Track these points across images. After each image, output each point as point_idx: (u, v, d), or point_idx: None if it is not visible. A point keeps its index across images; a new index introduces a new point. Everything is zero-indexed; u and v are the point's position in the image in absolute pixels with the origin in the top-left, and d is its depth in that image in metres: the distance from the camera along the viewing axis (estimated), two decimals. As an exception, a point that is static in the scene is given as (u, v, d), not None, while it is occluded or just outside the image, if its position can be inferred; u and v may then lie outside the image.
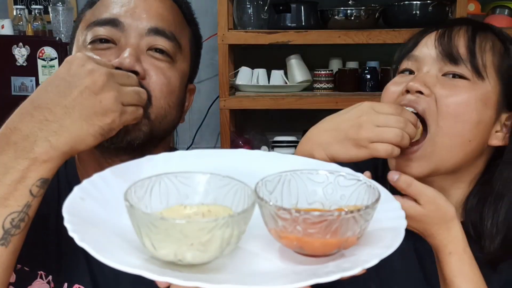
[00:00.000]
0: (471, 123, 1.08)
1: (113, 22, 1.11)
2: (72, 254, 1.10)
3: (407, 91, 1.10)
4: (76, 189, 0.76)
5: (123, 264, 0.60)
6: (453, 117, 1.07)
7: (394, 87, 1.15)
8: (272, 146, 3.08)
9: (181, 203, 0.74)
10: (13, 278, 1.13)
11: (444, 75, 1.10)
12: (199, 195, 0.74)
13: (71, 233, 0.64)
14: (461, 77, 1.09)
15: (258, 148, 3.04)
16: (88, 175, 0.82)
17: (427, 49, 1.13)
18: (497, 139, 1.14)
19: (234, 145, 2.94)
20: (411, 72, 1.16)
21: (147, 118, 1.10)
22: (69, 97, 0.90)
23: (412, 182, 0.98)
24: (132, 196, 0.68)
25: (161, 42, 1.13)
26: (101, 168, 0.86)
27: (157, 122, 1.13)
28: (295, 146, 2.98)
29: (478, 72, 1.09)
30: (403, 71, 1.17)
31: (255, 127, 3.26)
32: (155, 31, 1.12)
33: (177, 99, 1.18)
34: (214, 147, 3.32)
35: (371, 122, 0.97)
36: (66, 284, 1.12)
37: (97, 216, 0.73)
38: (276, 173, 0.76)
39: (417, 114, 1.07)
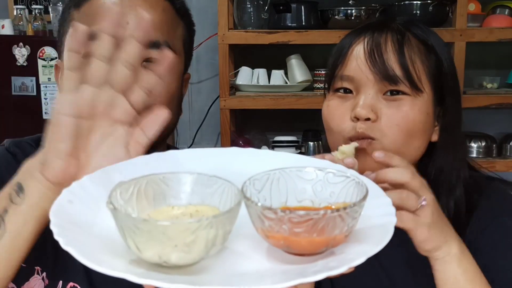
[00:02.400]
0: (419, 135, 1.17)
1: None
2: (67, 252, 1.10)
3: (356, 118, 1.14)
4: (65, 191, 0.75)
5: (107, 267, 0.59)
6: (403, 134, 1.14)
7: (338, 110, 1.19)
8: (272, 146, 3.08)
9: (169, 204, 0.73)
10: None
11: (385, 93, 1.16)
12: (186, 195, 0.74)
13: (56, 237, 0.63)
14: (402, 93, 1.15)
15: (259, 148, 3.03)
16: None
17: (360, 70, 1.16)
18: (435, 134, 1.23)
19: (234, 145, 2.94)
20: (348, 91, 1.19)
21: None
22: None
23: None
24: (117, 198, 0.67)
25: (155, 55, 1.11)
26: None
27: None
28: (295, 146, 3.02)
29: (416, 88, 1.15)
30: (339, 90, 1.21)
31: (256, 127, 3.26)
32: (149, 45, 1.11)
33: (177, 103, 1.20)
34: (215, 147, 3.32)
35: None
36: (61, 282, 1.12)
37: (86, 219, 0.72)
38: (265, 171, 0.75)
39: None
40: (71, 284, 1.12)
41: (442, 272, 1.02)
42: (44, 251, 1.11)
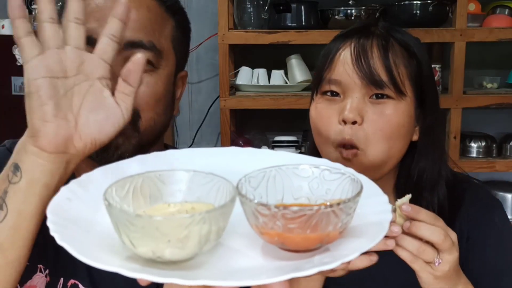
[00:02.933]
0: (400, 137, 1.22)
1: (88, 40, 1.02)
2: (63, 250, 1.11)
3: (343, 121, 1.19)
4: (63, 189, 0.76)
5: (101, 262, 0.60)
6: (386, 137, 1.19)
7: (326, 113, 1.24)
8: (272, 146, 3.08)
9: (165, 201, 0.74)
10: None
11: (371, 97, 1.20)
12: (183, 193, 0.74)
13: (52, 233, 0.64)
14: (387, 96, 1.20)
15: (259, 148, 3.03)
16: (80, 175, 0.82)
17: (347, 74, 1.21)
18: (416, 135, 1.28)
19: (234, 144, 2.94)
20: (336, 94, 1.24)
21: (137, 131, 1.10)
22: None
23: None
24: (112, 195, 0.68)
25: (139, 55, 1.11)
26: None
27: (146, 133, 1.13)
28: (295, 146, 3.02)
29: (400, 91, 1.20)
30: (326, 93, 1.25)
31: (256, 127, 3.26)
32: (132, 45, 1.09)
33: (165, 105, 1.18)
34: (215, 147, 3.32)
35: None
36: (62, 279, 1.12)
37: (83, 216, 0.72)
38: (260, 169, 0.76)
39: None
40: (72, 281, 1.13)
41: None
42: (46, 249, 1.11)
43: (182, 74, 1.27)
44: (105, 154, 1.04)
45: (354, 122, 1.18)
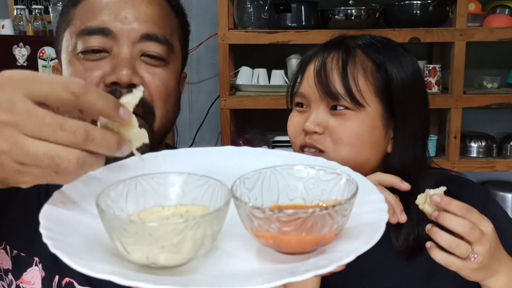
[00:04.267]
0: (364, 147, 1.25)
1: (103, 31, 1.10)
2: None
3: (305, 131, 1.26)
4: (56, 193, 0.75)
5: (95, 270, 0.59)
6: (347, 146, 1.24)
7: (294, 122, 1.33)
8: (272, 146, 3.08)
9: (159, 204, 0.73)
10: (9, 265, 1.13)
11: (331, 108, 1.26)
12: (177, 195, 0.74)
13: (45, 240, 0.63)
14: (346, 107, 1.24)
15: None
16: None
17: (310, 87, 1.28)
18: (390, 144, 1.31)
19: (234, 144, 2.92)
20: (304, 105, 1.32)
21: (152, 131, 1.13)
22: None
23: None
24: (105, 199, 0.67)
25: (154, 48, 1.13)
26: None
27: (159, 132, 1.16)
28: (295, 146, 2.99)
29: (357, 103, 1.24)
30: (297, 104, 1.34)
31: (256, 127, 3.26)
32: (147, 37, 1.12)
33: (175, 100, 1.20)
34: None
35: None
36: (57, 277, 1.12)
37: (76, 221, 0.72)
38: (255, 170, 0.75)
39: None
40: (67, 279, 1.12)
41: None
42: (41, 243, 1.12)
43: (182, 75, 1.29)
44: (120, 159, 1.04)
45: (315, 133, 1.25)
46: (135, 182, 0.73)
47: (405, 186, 1.16)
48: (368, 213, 0.73)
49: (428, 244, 1.06)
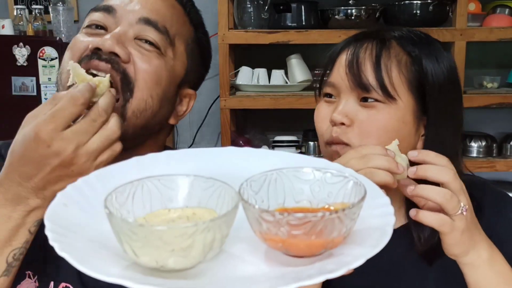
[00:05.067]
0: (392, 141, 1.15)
1: (107, 9, 1.14)
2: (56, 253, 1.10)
3: (331, 121, 1.21)
4: (59, 195, 0.75)
5: (103, 273, 0.59)
6: (375, 140, 1.17)
7: (322, 113, 1.26)
8: (272, 145, 3.08)
9: (165, 206, 0.73)
10: None
11: (361, 100, 1.20)
12: (183, 198, 0.73)
13: (51, 242, 0.63)
14: (376, 100, 1.19)
15: (259, 147, 3.03)
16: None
17: (341, 78, 1.22)
18: (421, 142, 1.25)
19: (234, 144, 2.93)
20: (333, 96, 1.26)
21: (124, 109, 1.09)
22: (38, 176, 0.93)
23: None
24: (113, 202, 0.67)
25: (150, 33, 1.13)
26: None
27: (133, 116, 1.11)
28: (296, 146, 3.02)
29: (389, 96, 1.18)
30: (326, 95, 1.28)
31: (256, 127, 3.26)
32: (146, 21, 1.13)
33: (163, 93, 1.15)
34: (215, 147, 3.31)
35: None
36: (52, 283, 1.12)
37: (81, 223, 0.71)
38: (262, 172, 0.75)
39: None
40: (63, 284, 1.12)
41: (472, 276, 1.07)
42: (33, 255, 1.11)
43: (189, 92, 1.26)
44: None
45: (342, 124, 1.19)
46: (142, 184, 0.72)
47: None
48: (374, 217, 0.73)
49: (414, 211, 1.01)
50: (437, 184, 1.00)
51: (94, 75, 1.02)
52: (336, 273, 0.61)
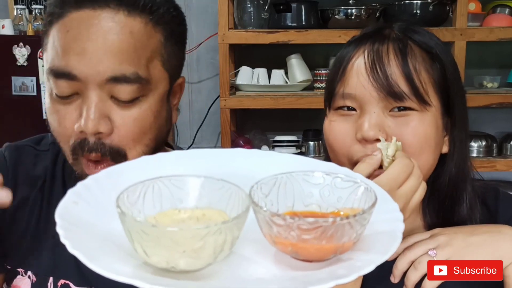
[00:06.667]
0: (431, 151, 1.10)
1: (68, 76, 1.02)
2: (57, 249, 1.11)
3: (364, 139, 1.06)
4: (70, 192, 0.74)
5: (114, 272, 0.59)
6: (415, 152, 1.06)
7: (342, 130, 1.12)
8: (272, 145, 3.08)
9: (175, 207, 0.73)
10: None
11: (391, 110, 1.08)
12: (193, 199, 0.73)
13: (62, 240, 0.62)
14: (410, 108, 1.08)
15: (259, 147, 3.04)
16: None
17: (363, 87, 1.08)
18: (446, 145, 1.16)
19: (234, 144, 2.94)
20: (351, 108, 1.11)
21: None
22: None
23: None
24: (124, 201, 0.67)
25: (123, 90, 1.03)
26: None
27: None
28: (296, 146, 3.02)
29: (424, 102, 1.07)
30: (341, 108, 1.13)
31: (256, 127, 3.26)
32: (114, 80, 1.02)
33: (156, 130, 1.11)
34: (215, 147, 3.32)
35: None
36: (51, 279, 1.12)
37: (91, 221, 0.71)
38: (272, 175, 0.75)
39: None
40: (62, 281, 1.12)
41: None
42: (26, 253, 1.12)
43: (179, 82, 1.19)
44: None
45: (377, 140, 1.04)
46: (153, 184, 0.72)
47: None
48: (383, 222, 0.73)
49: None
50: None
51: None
52: (346, 279, 0.61)
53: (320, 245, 0.64)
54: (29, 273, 1.13)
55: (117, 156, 1.05)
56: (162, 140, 1.15)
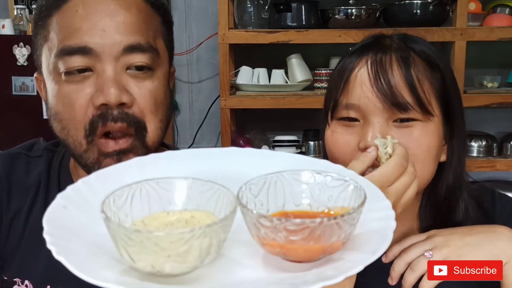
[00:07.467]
0: (434, 161, 1.11)
1: (83, 50, 1.04)
2: (50, 257, 1.11)
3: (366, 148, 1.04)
4: (59, 197, 0.74)
5: (99, 278, 0.59)
6: (419, 163, 1.05)
7: (344, 140, 1.11)
8: (272, 145, 3.07)
9: (164, 209, 0.72)
10: None
11: (395, 120, 1.08)
12: (182, 201, 0.73)
13: (49, 246, 0.62)
14: (413, 119, 1.08)
15: (259, 147, 3.03)
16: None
17: (367, 98, 1.07)
18: (444, 154, 1.17)
19: (234, 144, 2.94)
20: (355, 119, 1.11)
21: (145, 147, 1.09)
22: None
23: None
24: (110, 205, 0.67)
25: (139, 59, 1.07)
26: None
27: (154, 146, 1.11)
28: (296, 146, 3.02)
29: (428, 112, 1.08)
30: (343, 118, 1.12)
31: (256, 127, 3.26)
32: (130, 49, 1.06)
33: (167, 108, 1.15)
34: (215, 147, 3.32)
35: None
36: (48, 287, 1.12)
37: (79, 226, 0.71)
38: (261, 175, 0.74)
39: None
40: None
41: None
42: (23, 263, 1.12)
43: (172, 70, 1.23)
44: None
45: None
46: (140, 187, 0.72)
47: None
48: (374, 220, 0.72)
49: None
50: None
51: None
52: (334, 280, 0.60)
53: (308, 246, 0.64)
54: (26, 282, 1.12)
55: (139, 128, 1.08)
56: (167, 124, 1.17)
